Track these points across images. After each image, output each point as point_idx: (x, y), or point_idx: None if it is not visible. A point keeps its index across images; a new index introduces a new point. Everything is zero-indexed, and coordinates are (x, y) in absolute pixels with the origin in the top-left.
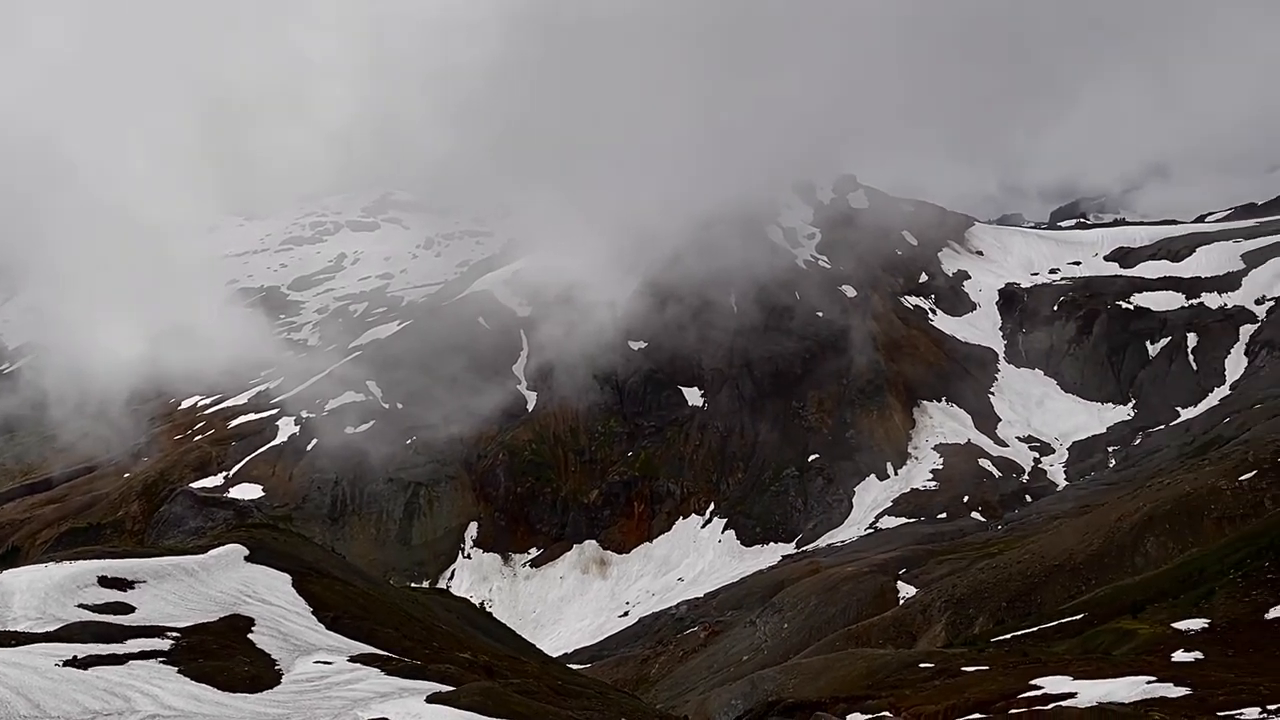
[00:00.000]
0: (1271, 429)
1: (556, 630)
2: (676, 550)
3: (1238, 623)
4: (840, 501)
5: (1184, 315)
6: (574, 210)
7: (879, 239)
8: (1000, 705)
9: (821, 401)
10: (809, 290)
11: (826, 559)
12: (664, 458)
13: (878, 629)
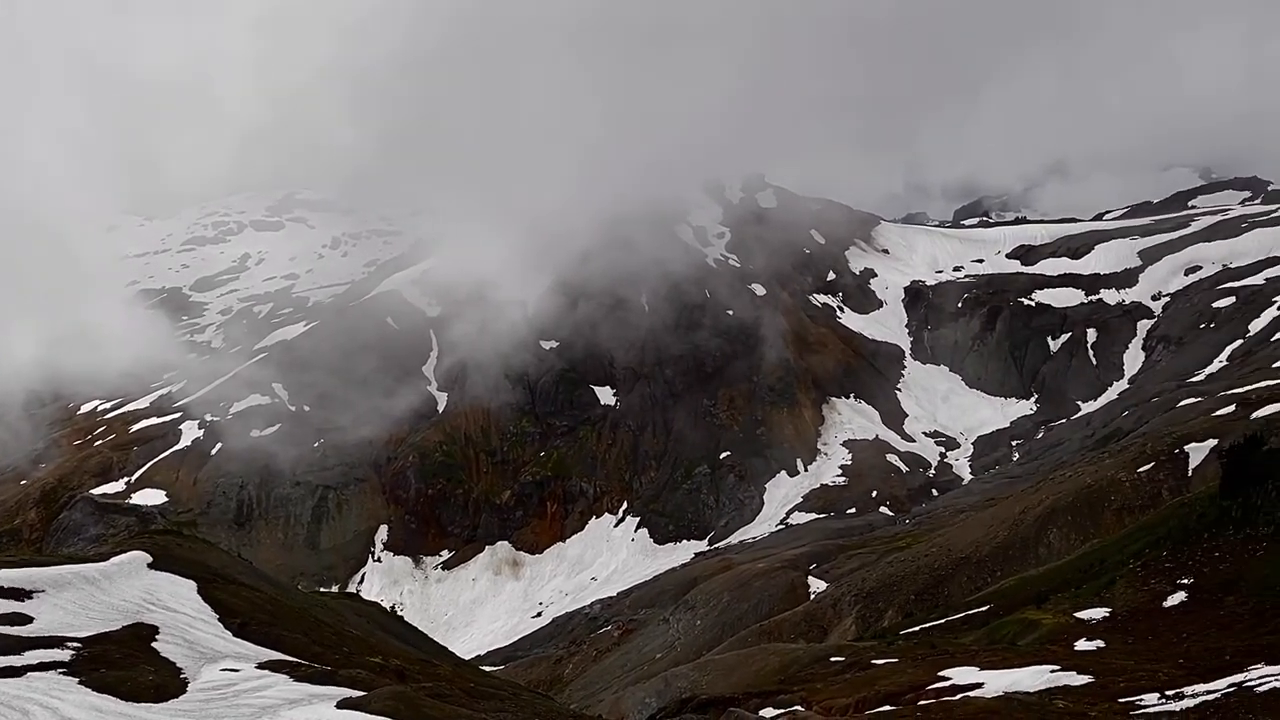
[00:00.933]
0: (1168, 422)
1: (469, 632)
2: (590, 550)
3: (1137, 611)
4: (752, 498)
5: (1084, 311)
6: (484, 209)
7: (788, 238)
8: (910, 697)
9: (733, 399)
10: (719, 289)
11: (739, 555)
12: (577, 457)
13: (789, 624)
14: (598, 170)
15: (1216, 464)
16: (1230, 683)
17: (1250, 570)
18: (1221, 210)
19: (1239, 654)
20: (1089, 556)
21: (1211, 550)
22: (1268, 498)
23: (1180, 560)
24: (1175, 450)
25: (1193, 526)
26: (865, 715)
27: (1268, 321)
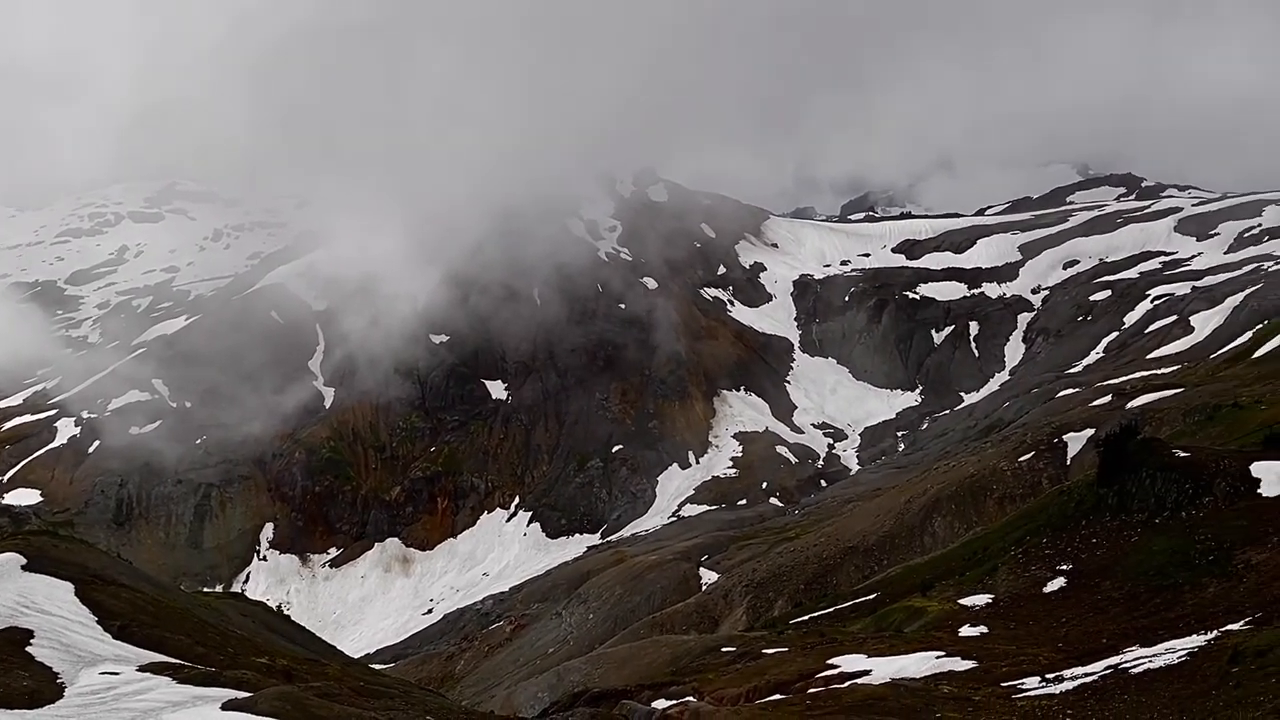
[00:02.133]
0: (1047, 412)
1: (359, 631)
2: (481, 545)
3: (1019, 597)
4: (644, 491)
5: (966, 304)
6: (372, 201)
7: (679, 231)
8: (800, 685)
9: (625, 392)
10: (611, 282)
11: (631, 548)
12: (468, 452)
13: (681, 615)
14: (490, 162)
15: (1094, 453)
16: (1107, 665)
17: (1125, 556)
18: (1098, 206)
19: (1115, 637)
20: (972, 544)
21: (1089, 537)
22: (1142, 485)
23: (1059, 547)
24: (1054, 440)
25: (1071, 514)
26: (756, 705)
27: (1142, 314)
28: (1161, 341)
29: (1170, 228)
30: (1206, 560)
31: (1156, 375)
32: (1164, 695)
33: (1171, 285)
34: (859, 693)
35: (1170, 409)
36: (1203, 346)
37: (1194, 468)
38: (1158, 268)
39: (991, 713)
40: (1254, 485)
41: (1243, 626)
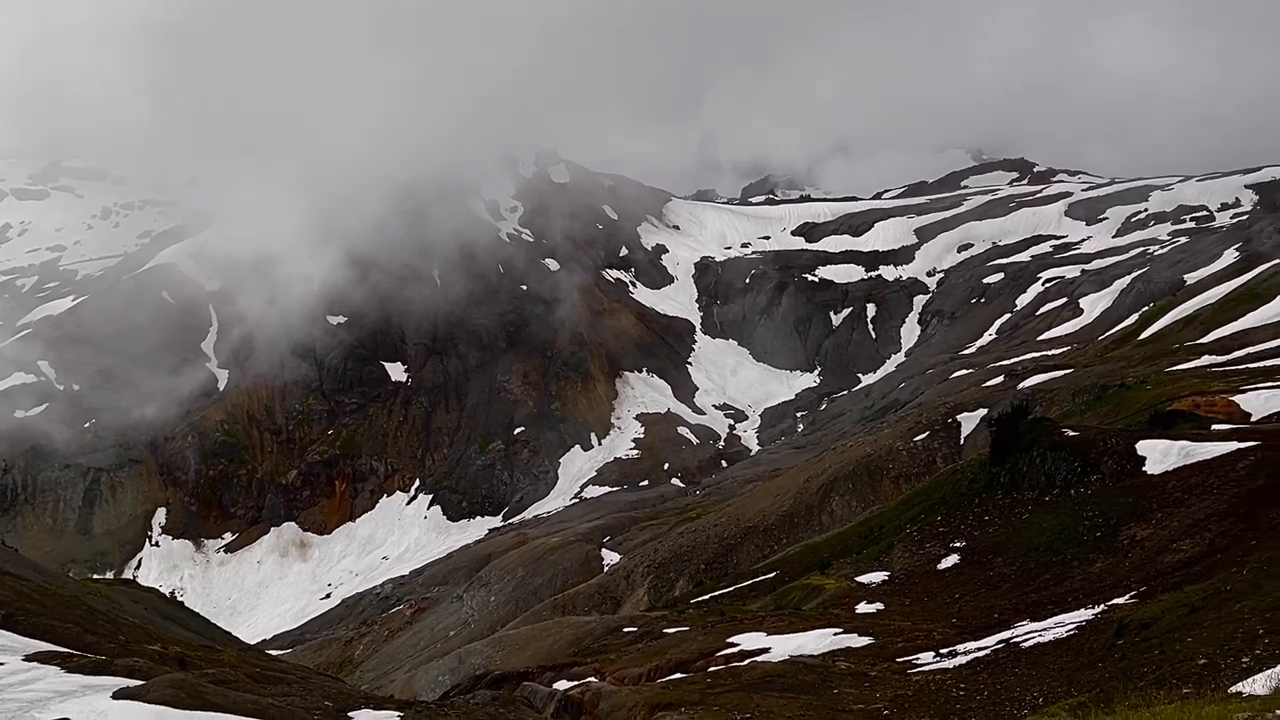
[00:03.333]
0: (942, 392)
1: (255, 616)
2: (381, 528)
3: (914, 574)
4: (546, 473)
5: (864, 287)
6: (267, 178)
7: (581, 213)
8: (700, 664)
9: (527, 374)
10: (513, 263)
11: (533, 530)
12: (367, 435)
13: (584, 597)
14: (390, 141)
15: (986, 432)
16: (999, 639)
17: (1017, 533)
18: (991, 191)
19: (1007, 612)
20: (869, 523)
21: (982, 514)
22: (1033, 464)
23: (953, 524)
24: (949, 419)
25: (964, 492)
26: (657, 684)
27: (1033, 296)
28: (1052, 323)
29: (1061, 212)
30: (1094, 536)
31: (1047, 356)
32: (1053, 668)
33: (1062, 268)
34: (759, 670)
35: (1060, 389)
36: (1091, 328)
37: (1083, 446)
38: (1049, 251)
39: (887, 687)
40: (1139, 463)
41: (1128, 600)
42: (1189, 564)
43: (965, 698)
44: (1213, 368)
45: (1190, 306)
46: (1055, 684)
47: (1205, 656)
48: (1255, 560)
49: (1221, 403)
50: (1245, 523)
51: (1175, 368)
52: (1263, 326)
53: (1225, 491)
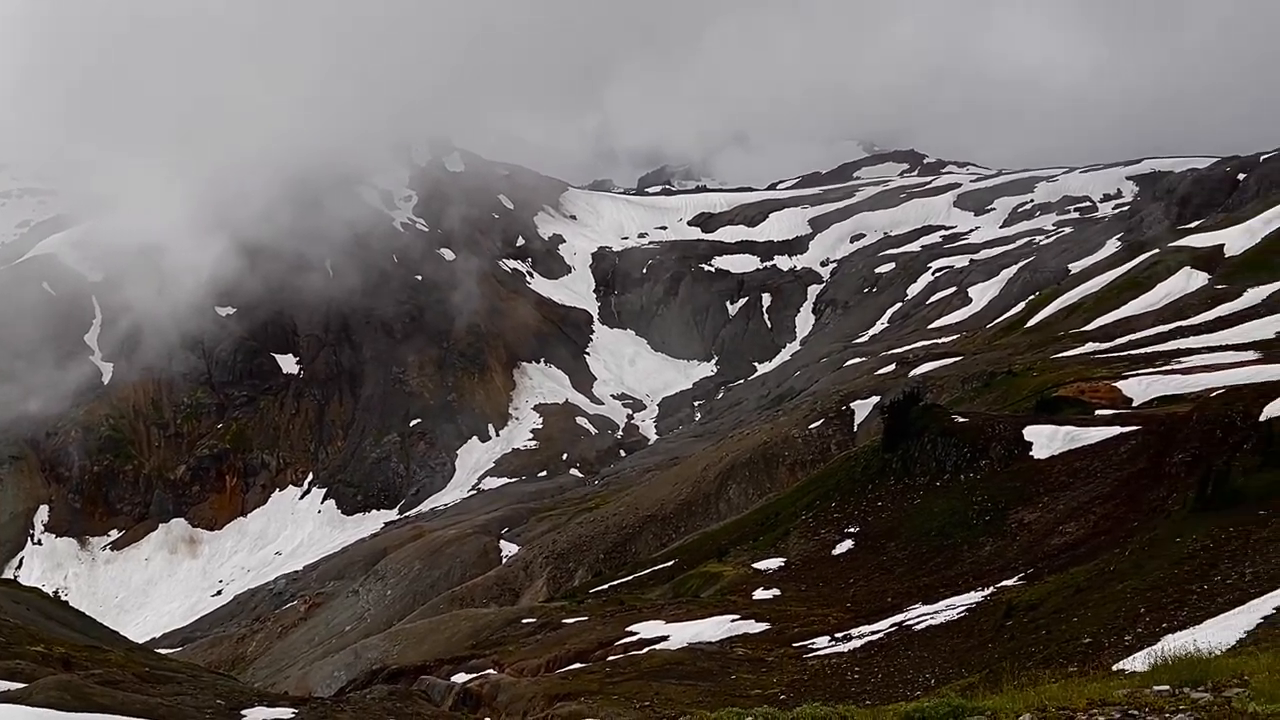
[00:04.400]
0: (836, 380)
1: (143, 615)
2: (273, 523)
3: (810, 560)
4: (443, 465)
5: (759, 277)
6: (152, 167)
7: (476, 202)
8: (599, 653)
9: (422, 365)
10: (408, 252)
11: (430, 523)
12: (258, 428)
13: (482, 589)
14: (279, 127)
15: (879, 419)
16: (892, 622)
17: (909, 518)
18: (883, 182)
19: (899, 596)
20: (766, 510)
21: (875, 500)
22: (924, 450)
23: (847, 510)
24: (842, 407)
25: (858, 478)
26: (556, 674)
27: (923, 286)
28: (942, 312)
29: (950, 203)
30: (983, 520)
31: (937, 344)
32: (944, 649)
33: (951, 258)
34: (657, 658)
35: (950, 376)
36: (980, 316)
37: (972, 432)
38: (938, 241)
39: (784, 672)
40: (1026, 448)
41: (1016, 582)
42: (1074, 546)
43: (860, 681)
44: (1096, 354)
45: (1075, 295)
46: (947, 665)
47: (1090, 636)
48: (1137, 541)
49: (1105, 389)
50: (1127, 505)
51: (1061, 355)
52: (1144, 314)
53: (1108, 475)
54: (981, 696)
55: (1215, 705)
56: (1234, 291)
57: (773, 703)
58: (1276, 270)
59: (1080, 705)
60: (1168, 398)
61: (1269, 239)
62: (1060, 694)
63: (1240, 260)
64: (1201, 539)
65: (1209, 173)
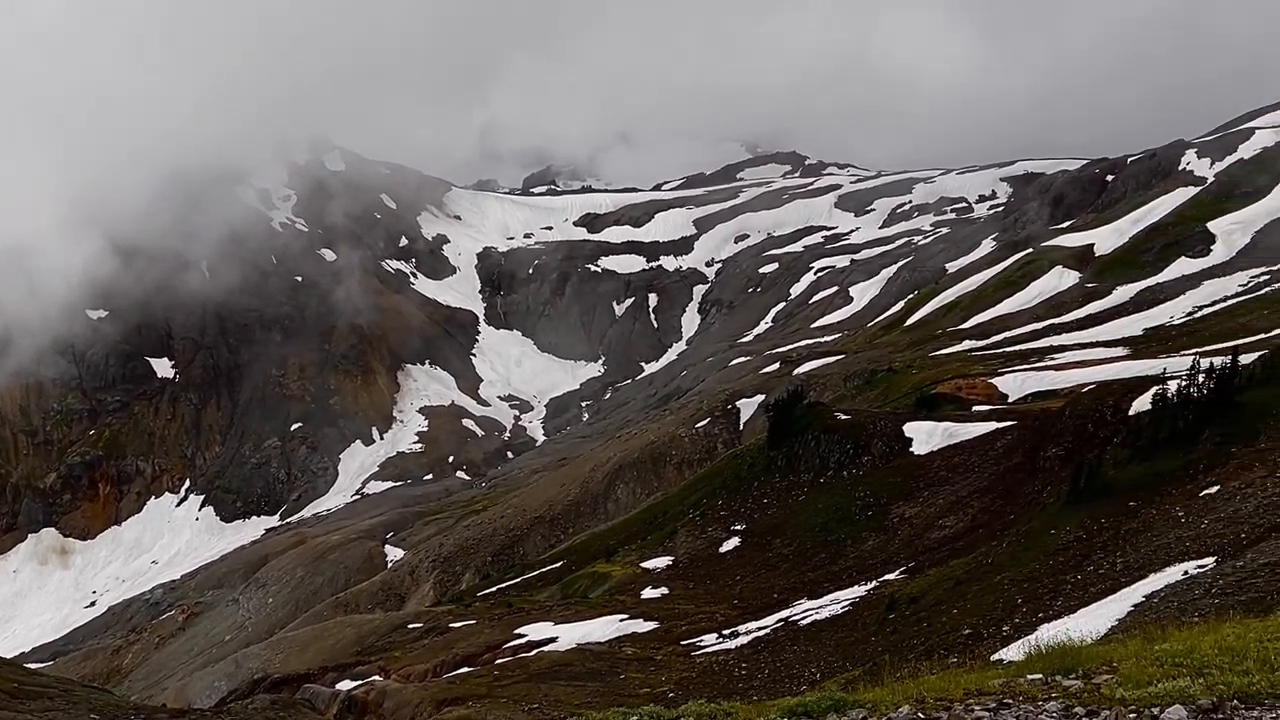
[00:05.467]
0: (721, 379)
1: (11, 629)
2: (149, 532)
3: (697, 558)
4: (326, 469)
5: (646, 277)
6: (21, 162)
7: (358, 202)
8: (487, 656)
9: (303, 368)
10: (287, 253)
11: (313, 529)
12: (132, 434)
13: (367, 594)
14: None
15: (764, 418)
16: (779, 618)
17: (794, 514)
18: (766, 183)
19: (785, 591)
20: (653, 509)
21: (761, 497)
22: (808, 447)
23: (734, 508)
24: (728, 406)
25: (744, 476)
26: (444, 679)
27: (806, 285)
28: (824, 311)
29: (831, 204)
30: (866, 515)
31: (820, 343)
32: (829, 643)
33: (833, 258)
34: (546, 660)
35: (833, 374)
36: (861, 315)
37: (854, 429)
38: (820, 241)
39: (673, 670)
40: (907, 444)
41: (898, 576)
42: (954, 539)
43: (747, 676)
44: (973, 352)
45: (952, 294)
46: (832, 659)
47: (970, 627)
48: (1013, 534)
49: (981, 385)
50: (1004, 498)
51: (939, 352)
52: (1018, 312)
53: (986, 469)
54: (863, 690)
55: (1085, 692)
56: (1104, 290)
57: (661, 701)
58: (1144, 269)
59: (957, 696)
60: (1042, 393)
61: (1136, 238)
62: (939, 685)
63: (1110, 259)
64: (1075, 530)
65: (1079, 174)
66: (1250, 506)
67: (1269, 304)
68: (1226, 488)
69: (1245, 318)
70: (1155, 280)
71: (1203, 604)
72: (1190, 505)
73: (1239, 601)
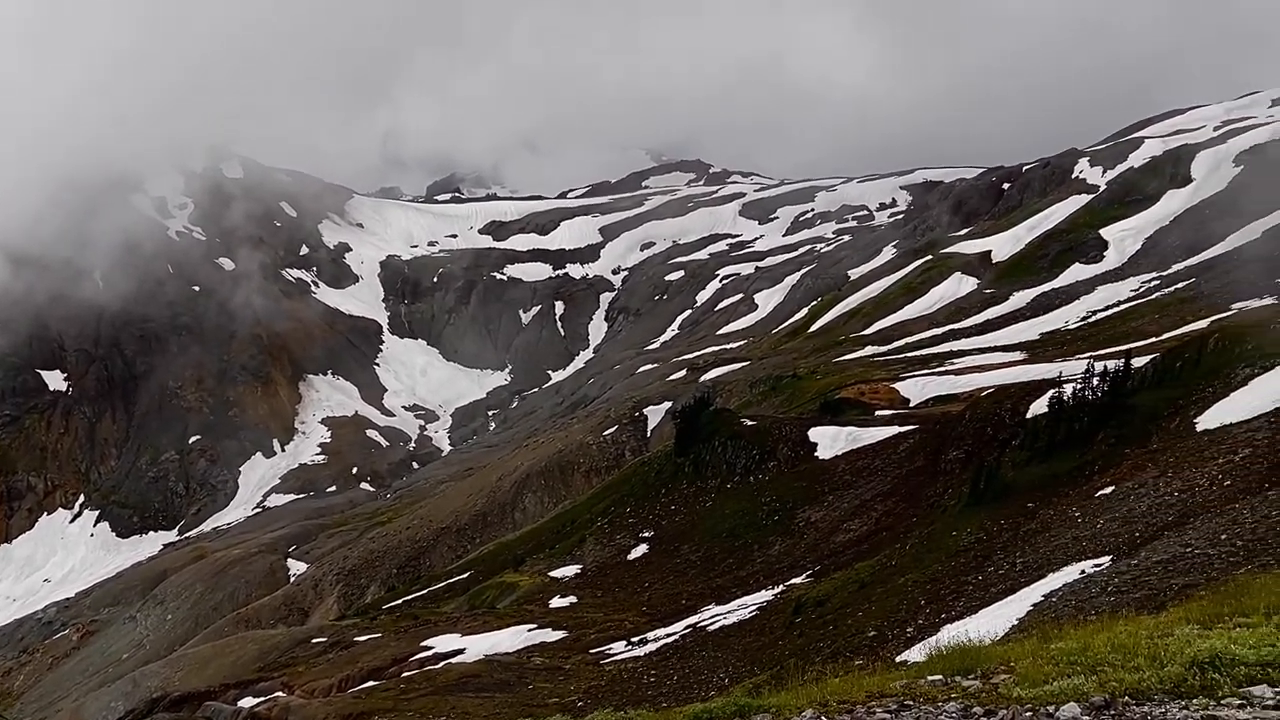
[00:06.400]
0: (629, 387)
1: None
2: (41, 549)
3: (606, 565)
4: (226, 482)
5: (552, 285)
6: None
7: (257, 210)
8: (394, 670)
9: (201, 380)
10: (184, 262)
11: (213, 543)
12: (22, 449)
13: (269, 609)
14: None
15: (671, 424)
16: (687, 624)
17: (701, 520)
18: (671, 191)
19: (694, 597)
20: (562, 517)
21: (669, 504)
22: (715, 453)
23: (642, 515)
24: (636, 413)
25: (652, 483)
26: (349, 694)
27: (712, 293)
28: (730, 318)
29: (735, 212)
30: (773, 520)
31: (726, 350)
32: (737, 648)
33: (738, 265)
34: (453, 672)
35: (739, 381)
36: (766, 322)
37: (760, 435)
38: (725, 249)
39: (581, 679)
40: (812, 449)
41: (804, 580)
42: (858, 542)
43: (656, 684)
44: (876, 357)
45: (854, 300)
46: (740, 664)
47: (875, 629)
48: (916, 536)
49: (884, 390)
50: (907, 501)
51: (843, 358)
52: (919, 318)
53: (889, 473)
54: (768, 694)
55: (984, 692)
56: (1001, 295)
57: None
58: (1039, 274)
59: (860, 698)
60: (943, 397)
61: (1032, 244)
62: (842, 688)
63: (1007, 265)
64: (976, 532)
65: (977, 182)
66: (1143, 506)
67: (1160, 308)
68: (1121, 488)
69: (1137, 321)
70: (1051, 285)
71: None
72: (1086, 505)
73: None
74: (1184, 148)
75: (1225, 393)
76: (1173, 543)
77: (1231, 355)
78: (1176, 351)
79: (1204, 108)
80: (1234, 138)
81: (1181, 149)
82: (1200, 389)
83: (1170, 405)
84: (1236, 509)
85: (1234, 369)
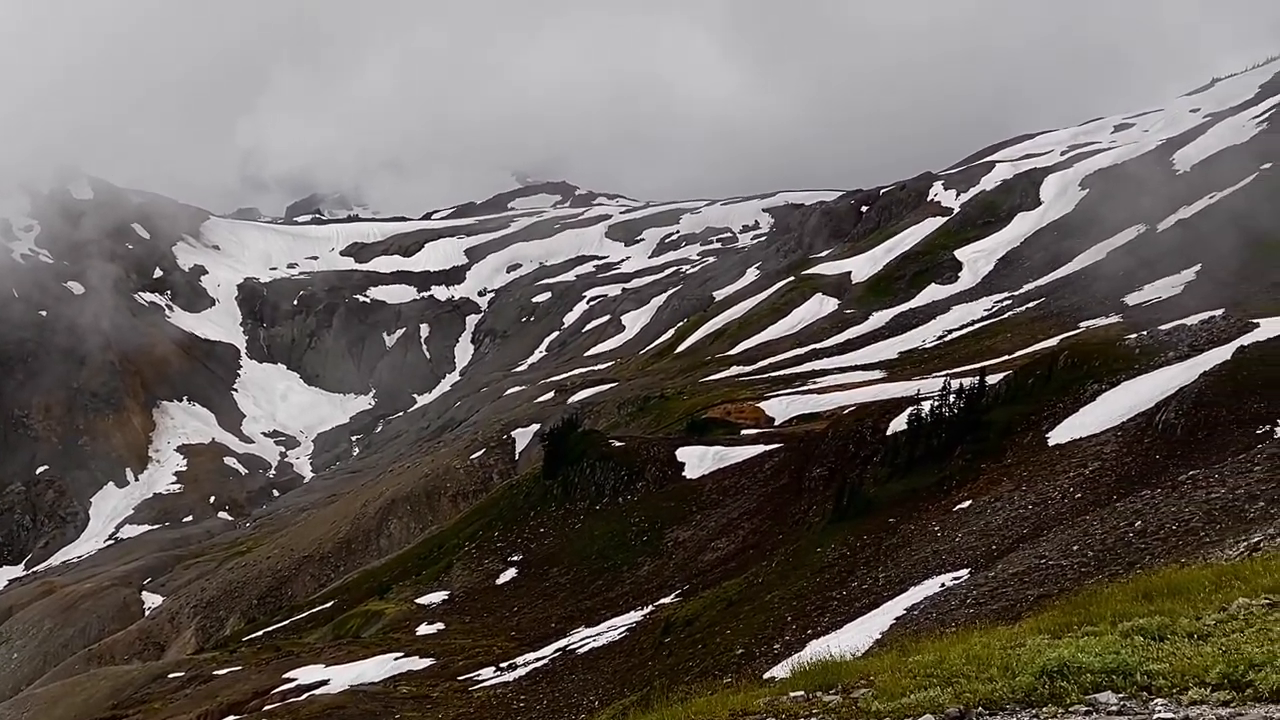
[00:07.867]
0: (496, 409)
1: None
2: None
3: (473, 591)
4: (76, 514)
5: (417, 307)
6: None
7: (108, 232)
8: (255, 703)
9: (49, 408)
10: (29, 287)
11: (62, 577)
12: None
13: (123, 644)
14: None
15: (540, 446)
16: (557, 648)
17: (570, 542)
18: (537, 212)
19: (563, 621)
20: (429, 543)
21: (538, 527)
22: (584, 475)
23: (510, 539)
24: (504, 436)
25: (521, 505)
26: None
27: (579, 314)
28: (597, 340)
29: (602, 234)
30: (641, 541)
31: (594, 371)
32: (608, 670)
33: (605, 287)
34: (317, 704)
35: (607, 402)
36: (633, 343)
37: (629, 456)
38: (592, 271)
39: (449, 707)
40: (680, 469)
41: (673, 599)
42: (726, 560)
43: (525, 709)
44: (741, 377)
45: (719, 321)
46: (610, 686)
47: (743, 646)
48: (782, 553)
49: (749, 409)
50: (773, 519)
51: (709, 378)
52: (782, 338)
53: (755, 491)
54: (634, 716)
55: (844, 706)
56: (860, 315)
57: None
58: (897, 295)
59: (724, 717)
60: (806, 416)
61: (890, 266)
62: (707, 708)
63: (866, 286)
64: (839, 548)
65: (836, 205)
66: (1000, 519)
67: (1011, 327)
68: (978, 502)
69: (991, 340)
70: (909, 305)
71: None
72: (945, 520)
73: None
74: (1033, 171)
75: (1075, 408)
76: (1028, 554)
77: (1081, 372)
78: (1029, 369)
79: (1052, 133)
80: (1080, 161)
81: (1031, 172)
82: (1051, 404)
83: (1023, 421)
84: (1087, 520)
85: (1083, 385)
